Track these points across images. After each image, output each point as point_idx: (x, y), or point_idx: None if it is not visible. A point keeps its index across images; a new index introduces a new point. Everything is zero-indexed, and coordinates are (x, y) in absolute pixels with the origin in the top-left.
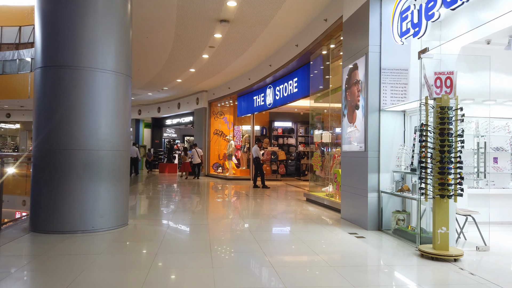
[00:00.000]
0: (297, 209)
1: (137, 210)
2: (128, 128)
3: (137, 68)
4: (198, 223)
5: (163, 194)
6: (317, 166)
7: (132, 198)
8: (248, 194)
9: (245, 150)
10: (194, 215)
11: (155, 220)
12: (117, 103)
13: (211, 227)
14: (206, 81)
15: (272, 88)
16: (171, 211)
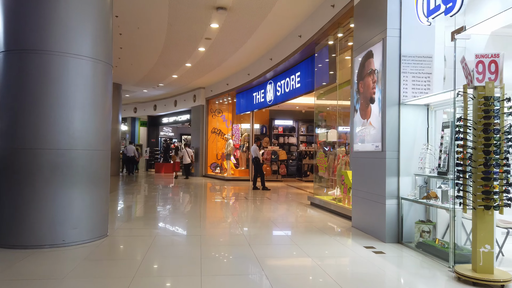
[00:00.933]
0: (301, 214)
1: (122, 216)
2: (108, 123)
3: (130, 62)
4: (190, 233)
5: (155, 197)
6: (322, 167)
7: (120, 202)
8: (247, 196)
9: (244, 149)
10: (186, 223)
11: (141, 229)
12: (95, 94)
13: (204, 239)
14: (203, 77)
15: (272, 84)
16: (161, 217)
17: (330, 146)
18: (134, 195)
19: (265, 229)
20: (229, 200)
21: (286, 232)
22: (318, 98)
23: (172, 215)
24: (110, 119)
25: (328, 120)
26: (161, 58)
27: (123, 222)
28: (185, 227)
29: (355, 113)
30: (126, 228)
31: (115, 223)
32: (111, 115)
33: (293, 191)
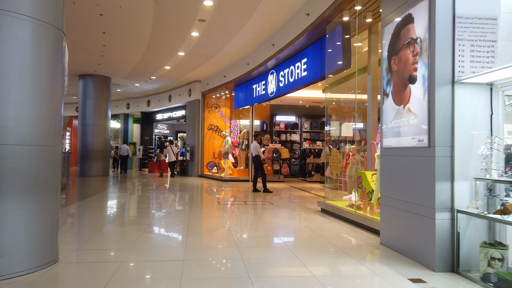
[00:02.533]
0: (311, 225)
1: (90, 230)
2: (59, 110)
3: (116, 50)
4: (170, 258)
5: (140, 202)
6: (336, 167)
7: (95, 209)
8: (246, 201)
9: (243, 147)
10: (168, 241)
11: (107, 250)
12: (38, 70)
13: (188, 268)
14: (198, 68)
15: (274, 74)
16: (139, 230)
17: (335, 143)
18: (116, 199)
19: (268, 249)
20: (225, 205)
21: (296, 253)
22: (329, 87)
23: (154, 227)
24: (61, 105)
25: (339, 113)
26: (151, 45)
27: (87, 239)
28: (166, 248)
29: (385, 98)
30: (89, 249)
31: (77, 240)
32: (62, 99)
33: (298, 193)
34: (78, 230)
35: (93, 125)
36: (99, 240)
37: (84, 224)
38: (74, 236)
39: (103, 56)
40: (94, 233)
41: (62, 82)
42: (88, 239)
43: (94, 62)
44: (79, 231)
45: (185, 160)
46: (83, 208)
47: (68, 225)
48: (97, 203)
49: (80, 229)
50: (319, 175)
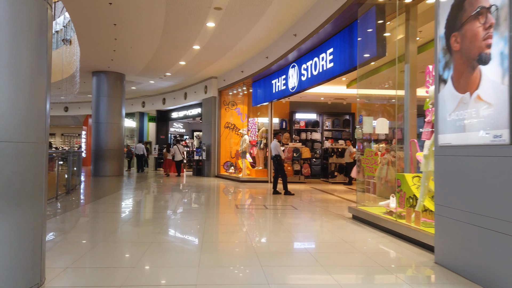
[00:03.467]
0: (345, 236)
1: (90, 241)
2: (43, 101)
3: (129, 45)
4: (179, 282)
5: (151, 205)
6: (371, 169)
7: (99, 213)
8: (266, 204)
9: (262, 146)
10: (179, 256)
11: (107, 268)
12: (15, 50)
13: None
14: (214, 63)
15: (296, 67)
16: (146, 243)
17: (366, 142)
18: (126, 202)
19: (295, 269)
20: (244, 210)
21: (334, 275)
22: (361, 78)
23: (163, 237)
24: (47, 94)
25: (370, 108)
26: (164, 37)
27: (86, 253)
28: (175, 267)
29: (442, 85)
30: (85, 267)
31: (73, 254)
32: (47, 87)
33: (322, 196)
34: (76, 241)
35: (107, 123)
36: (100, 254)
37: (85, 232)
38: (71, 248)
39: (116, 51)
40: (94, 245)
41: (45, 66)
42: (87, 253)
43: (107, 58)
44: (78, 241)
45: (201, 159)
46: (88, 213)
47: (68, 233)
48: (105, 206)
49: (79, 239)
50: (342, 176)
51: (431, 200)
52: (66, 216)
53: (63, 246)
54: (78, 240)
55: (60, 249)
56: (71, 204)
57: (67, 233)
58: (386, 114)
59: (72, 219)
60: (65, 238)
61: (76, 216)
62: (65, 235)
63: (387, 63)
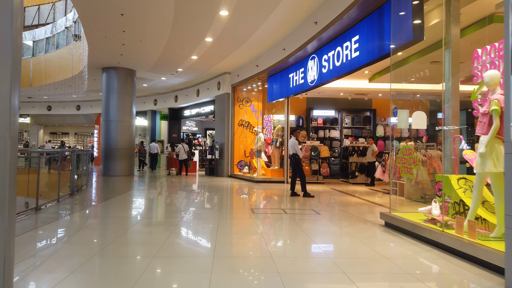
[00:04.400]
0: (382, 250)
1: (80, 254)
2: (6, 84)
3: (138, 38)
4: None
5: (159, 207)
6: (408, 170)
7: (107, 216)
8: (284, 208)
9: (278, 144)
10: (181, 271)
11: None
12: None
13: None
14: (228, 57)
15: (316, 59)
16: (146, 256)
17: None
18: (132, 205)
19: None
20: (260, 214)
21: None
22: (371, 80)
23: (169, 250)
24: (11, 74)
25: (402, 102)
26: (175, 29)
27: (70, 274)
28: (182, 280)
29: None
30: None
31: (55, 275)
32: (11, 66)
33: (344, 199)
34: (66, 255)
35: (117, 121)
36: (85, 276)
37: (78, 244)
38: (55, 267)
39: (125, 45)
40: (83, 262)
41: (18, 38)
42: (71, 274)
43: (116, 53)
44: (68, 256)
45: (214, 159)
46: (88, 218)
47: (58, 246)
48: (107, 210)
49: (69, 254)
50: (364, 176)
51: (485, 207)
52: (65, 222)
53: (50, 264)
54: (70, 252)
55: (44, 270)
56: (71, 207)
57: (58, 245)
58: (421, 107)
59: (71, 225)
60: (54, 252)
61: (71, 224)
62: (55, 247)
63: (418, 53)
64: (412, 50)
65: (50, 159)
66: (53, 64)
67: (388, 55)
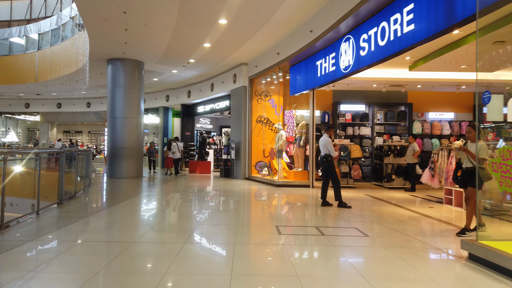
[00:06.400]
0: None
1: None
2: None
3: (142, 21)
4: None
5: (161, 217)
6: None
7: (99, 229)
8: (317, 224)
9: (301, 143)
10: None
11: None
12: None
13: None
14: (245, 45)
15: (351, 40)
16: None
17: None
18: (132, 215)
19: None
20: (287, 233)
21: None
22: (411, 68)
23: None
24: None
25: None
26: (183, 8)
27: None
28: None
29: None
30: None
31: None
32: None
33: (388, 210)
34: None
35: (123, 118)
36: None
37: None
38: None
39: (128, 30)
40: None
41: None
42: None
43: (119, 40)
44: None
45: (229, 159)
46: (78, 233)
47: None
48: (106, 221)
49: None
50: (401, 179)
51: None
52: (46, 240)
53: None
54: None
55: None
56: (50, 223)
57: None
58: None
59: (55, 243)
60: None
61: (64, 237)
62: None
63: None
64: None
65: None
66: (58, 57)
67: (458, 25)
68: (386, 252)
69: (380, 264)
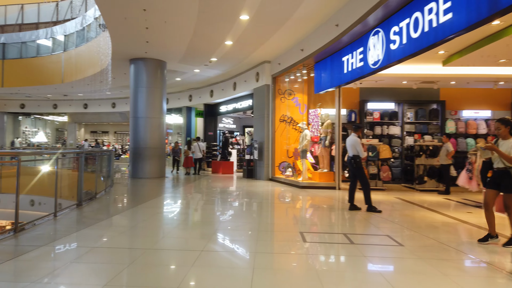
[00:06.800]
0: None
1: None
2: None
3: (162, 19)
4: None
5: (172, 232)
6: None
7: (113, 234)
8: (345, 231)
9: (327, 143)
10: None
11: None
12: None
13: None
14: (268, 42)
15: (381, 33)
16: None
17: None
18: (148, 219)
19: None
20: (313, 241)
21: None
22: (445, 63)
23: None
24: None
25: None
26: (203, 4)
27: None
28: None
29: None
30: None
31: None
32: None
33: (423, 215)
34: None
35: (145, 118)
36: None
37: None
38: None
39: (149, 28)
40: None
41: None
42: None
43: (141, 39)
44: None
45: (252, 159)
46: (92, 238)
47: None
48: (123, 225)
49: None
50: (434, 181)
51: None
52: (14, 266)
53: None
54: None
55: None
56: (66, 227)
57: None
58: None
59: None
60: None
61: (77, 243)
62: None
63: None
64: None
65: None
66: (83, 58)
67: (501, 13)
68: (425, 266)
69: (420, 281)
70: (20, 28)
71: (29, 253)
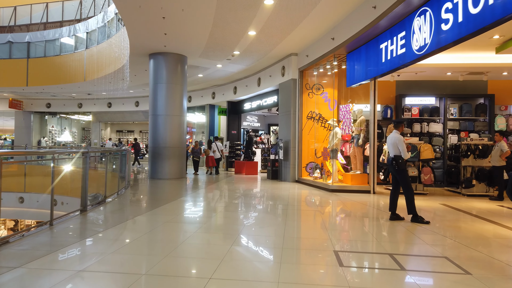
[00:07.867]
0: None
1: None
2: None
3: (179, 7)
4: None
5: (186, 244)
6: None
7: (122, 241)
8: (390, 250)
9: (360, 142)
10: None
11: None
12: None
13: None
14: (294, 31)
15: (429, 13)
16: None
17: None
18: (160, 227)
19: None
20: (349, 267)
21: None
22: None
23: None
24: None
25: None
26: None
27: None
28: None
29: None
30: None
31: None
32: None
33: (480, 227)
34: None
35: (165, 115)
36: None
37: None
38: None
39: (166, 18)
40: None
41: None
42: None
43: (158, 30)
44: None
45: (277, 159)
46: (86, 255)
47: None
48: (127, 235)
49: None
50: (483, 185)
51: None
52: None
53: None
54: None
55: None
56: (55, 242)
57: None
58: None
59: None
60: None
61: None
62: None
63: None
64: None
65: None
66: (104, 55)
67: None
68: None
69: None
70: (45, 27)
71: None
